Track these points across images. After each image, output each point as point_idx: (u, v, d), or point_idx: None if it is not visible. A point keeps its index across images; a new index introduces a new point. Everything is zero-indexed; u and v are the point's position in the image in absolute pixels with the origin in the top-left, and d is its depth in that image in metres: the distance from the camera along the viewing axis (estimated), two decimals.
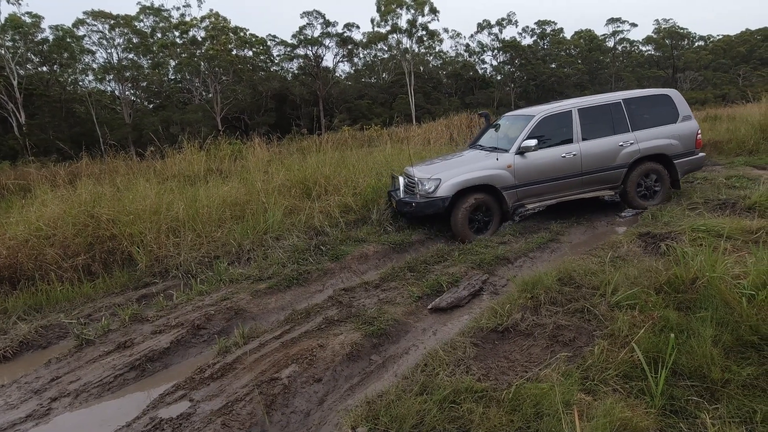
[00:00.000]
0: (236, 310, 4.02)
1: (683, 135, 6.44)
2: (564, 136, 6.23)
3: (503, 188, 5.95)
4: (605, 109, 6.37)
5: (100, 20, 34.50)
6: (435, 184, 5.82)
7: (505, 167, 5.96)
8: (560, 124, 6.26)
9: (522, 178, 6.01)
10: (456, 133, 18.12)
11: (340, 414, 2.58)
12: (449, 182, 5.81)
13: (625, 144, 6.27)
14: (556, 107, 6.41)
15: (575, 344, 2.92)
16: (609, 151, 6.25)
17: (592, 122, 6.28)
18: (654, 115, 6.45)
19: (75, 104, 34.42)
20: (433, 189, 5.80)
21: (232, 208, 6.39)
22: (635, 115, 6.37)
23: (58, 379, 3.21)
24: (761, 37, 55.70)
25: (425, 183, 5.89)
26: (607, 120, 6.33)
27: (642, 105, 6.48)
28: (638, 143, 6.28)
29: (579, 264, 4.03)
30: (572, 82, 50.32)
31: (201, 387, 2.92)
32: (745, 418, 2.13)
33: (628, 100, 6.43)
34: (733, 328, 2.62)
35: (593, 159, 6.20)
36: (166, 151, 10.25)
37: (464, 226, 5.81)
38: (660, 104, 6.53)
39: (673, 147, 6.38)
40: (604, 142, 6.25)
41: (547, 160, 6.08)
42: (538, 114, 6.24)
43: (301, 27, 43.21)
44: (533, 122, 6.13)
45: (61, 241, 5.17)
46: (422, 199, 5.83)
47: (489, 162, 6.05)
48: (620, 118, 6.34)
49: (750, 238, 4.10)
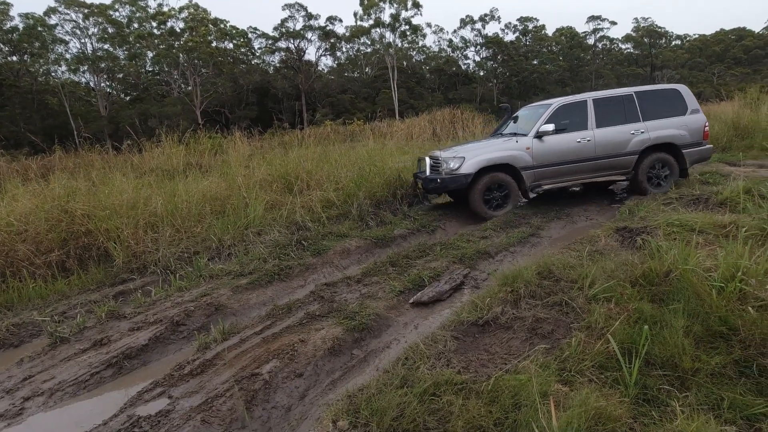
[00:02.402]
0: (216, 306, 3.97)
1: (691, 126, 6.88)
2: (579, 123, 6.72)
3: (522, 168, 6.48)
4: (618, 100, 6.85)
5: (73, 9, 33.42)
6: (459, 162, 6.38)
7: (524, 149, 6.52)
8: (576, 112, 6.76)
9: (539, 160, 6.54)
10: (439, 128, 18.20)
11: (321, 408, 2.58)
12: (472, 160, 6.38)
13: (636, 132, 6.72)
14: (572, 97, 6.96)
15: (553, 336, 2.98)
16: (621, 138, 6.72)
17: (606, 111, 6.75)
18: (664, 108, 6.91)
19: (47, 96, 33.32)
20: (458, 166, 6.37)
21: (212, 203, 6.30)
22: (646, 107, 6.84)
23: (31, 378, 3.13)
24: (735, 37, 57.34)
25: (450, 161, 6.45)
26: (620, 110, 6.79)
27: (653, 98, 6.95)
28: (649, 132, 6.75)
29: (558, 258, 4.10)
30: (554, 78, 50.94)
31: (180, 384, 2.88)
32: (713, 405, 2.21)
33: (639, 93, 6.94)
34: (703, 319, 2.71)
35: (606, 145, 6.68)
36: (144, 145, 10.01)
37: (481, 202, 6.43)
38: (670, 98, 7.00)
39: (682, 137, 6.81)
40: (616, 130, 6.73)
41: (563, 144, 6.59)
42: (556, 102, 6.81)
43: (283, 19, 42.66)
44: (551, 109, 6.67)
45: (34, 237, 5.02)
46: (447, 176, 6.41)
47: (509, 144, 6.61)
48: (632, 108, 6.80)
49: (721, 233, 4.23)
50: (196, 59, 35.73)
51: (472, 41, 51.67)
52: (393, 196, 7.35)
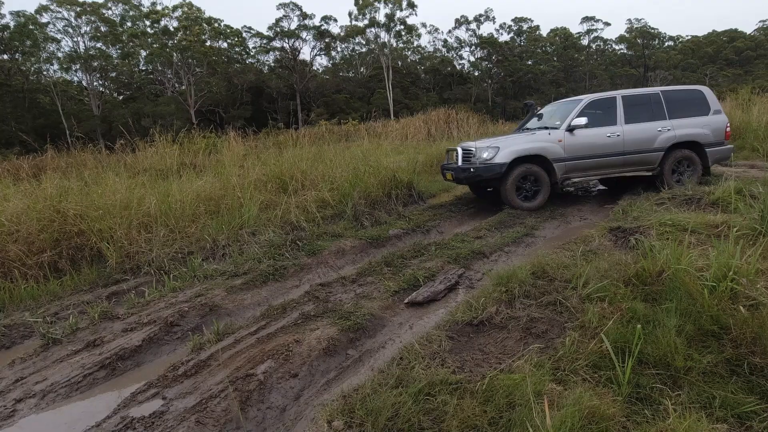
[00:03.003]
0: (211, 307, 3.95)
1: (714, 126, 7.12)
2: (609, 119, 6.94)
3: (554, 160, 6.64)
4: (646, 98, 7.14)
5: (65, 7, 33.15)
6: (494, 152, 6.54)
7: (556, 141, 6.69)
8: (606, 107, 6.99)
9: (571, 153, 6.72)
10: (434, 128, 18.22)
11: (316, 409, 2.58)
12: (506, 150, 6.53)
13: (662, 130, 6.93)
14: (603, 94, 7.19)
15: (547, 336, 2.99)
16: (648, 134, 6.94)
17: (634, 109, 6.96)
18: (688, 108, 7.14)
19: (39, 94, 33.05)
20: (492, 156, 6.54)
21: (207, 203, 6.27)
22: (672, 106, 7.06)
23: (23, 380, 3.10)
24: (727, 38, 57.89)
25: (484, 151, 6.61)
26: (647, 108, 7.01)
27: (678, 98, 7.20)
28: (674, 130, 6.97)
29: (552, 258, 4.13)
30: (548, 79, 51.20)
31: (174, 385, 2.87)
32: (705, 404, 2.23)
33: (666, 92, 7.18)
34: (695, 318, 2.73)
35: (634, 140, 6.90)
36: (137, 145, 9.94)
37: (513, 193, 6.58)
38: (694, 98, 7.27)
39: (705, 136, 7.04)
40: (644, 127, 6.96)
41: (593, 138, 6.80)
42: (587, 98, 7.05)
43: (278, 19, 42.63)
44: (582, 104, 6.90)
45: (25, 237, 4.97)
46: (480, 165, 6.57)
47: (542, 136, 6.80)
48: (659, 107, 7.02)
49: (713, 232, 4.27)
50: (190, 58, 35.57)
51: (467, 41, 51.87)
52: (388, 196, 7.36)
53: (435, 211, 7.12)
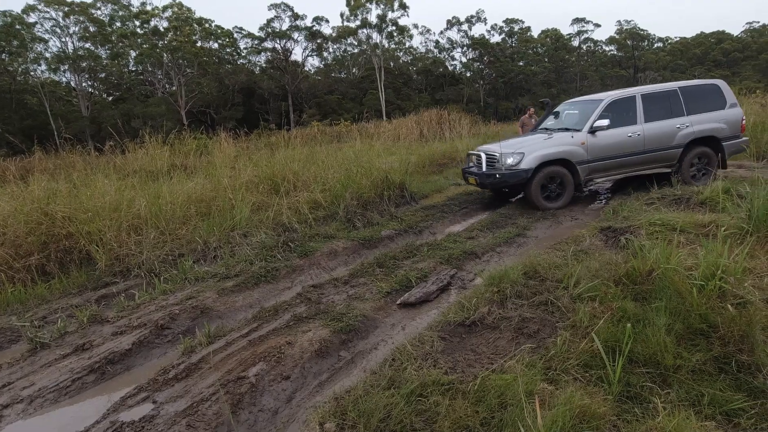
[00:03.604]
0: (202, 309, 3.92)
1: (731, 120, 7.18)
2: (629, 118, 6.95)
3: (577, 163, 6.70)
4: (664, 95, 7.11)
5: (53, 7, 32.73)
6: (519, 158, 6.58)
7: (579, 144, 6.73)
8: (626, 107, 6.99)
9: (593, 154, 6.77)
10: (426, 129, 18.24)
11: (308, 411, 2.57)
12: (532, 156, 6.57)
13: (681, 126, 6.98)
14: (621, 93, 7.18)
15: (539, 336, 3.01)
16: (668, 132, 6.98)
17: (653, 106, 6.99)
18: (705, 102, 7.18)
19: (26, 95, 32.58)
20: (518, 161, 6.57)
21: (198, 205, 6.22)
22: (690, 102, 7.08)
23: (10, 385, 3.05)
24: (715, 40, 58.69)
25: (509, 157, 6.63)
26: (666, 105, 7.04)
27: (695, 93, 7.21)
28: (693, 126, 7.02)
29: (544, 258, 4.15)
30: (539, 79, 51.51)
31: (165, 388, 2.84)
32: (694, 401, 2.26)
33: (683, 88, 7.20)
34: (684, 317, 2.76)
35: (655, 139, 6.94)
36: (127, 146, 9.85)
37: (539, 195, 6.66)
38: (710, 93, 7.30)
39: (723, 130, 7.09)
40: (663, 124, 6.98)
41: (615, 138, 6.83)
42: (607, 98, 7.00)
43: (269, 19, 42.47)
44: (603, 105, 6.88)
45: (12, 240, 4.90)
46: (506, 171, 6.61)
47: (565, 139, 6.81)
48: (677, 103, 7.06)
49: (702, 232, 4.32)
50: (181, 59, 35.31)
51: (459, 42, 52.04)
52: (380, 197, 7.35)
53: (427, 211, 7.13)
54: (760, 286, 3.14)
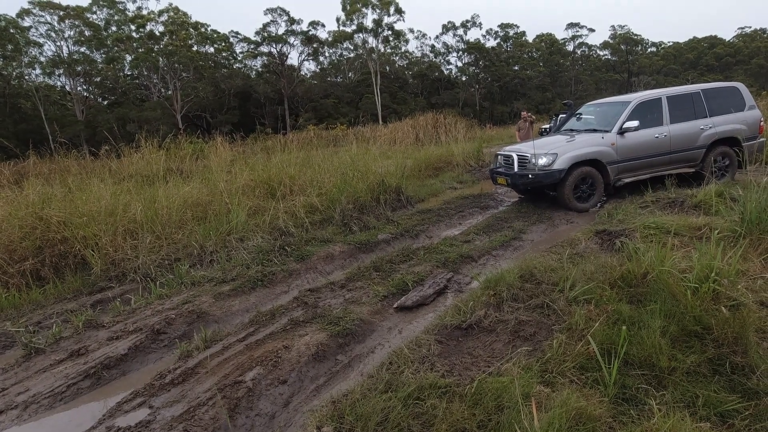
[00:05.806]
0: (198, 314, 3.91)
1: (750, 121, 7.44)
2: (655, 119, 7.14)
3: (608, 163, 6.85)
4: (688, 97, 7.32)
5: (48, 11, 32.61)
6: (552, 158, 6.68)
7: (609, 144, 6.88)
8: (652, 109, 7.18)
9: (623, 155, 6.93)
10: (422, 133, 18.30)
11: (305, 415, 2.57)
12: (565, 156, 6.67)
13: (705, 128, 7.19)
14: (648, 94, 7.37)
15: (535, 339, 3.02)
16: (692, 133, 7.20)
17: (678, 108, 7.17)
18: (726, 104, 7.39)
19: (21, 99, 32.43)
20: (551, 162, 6.67)
21: (194, 209, 6.21)
22: (712, 104, 7.31)
23: (5, 391, 3.03)
24: (707, 44, 59.30)
25: (542, 158, 6.72)
26: (690, 107, 7.24)
27: (717, 95, 7.46)
28: (716, 127, 7.24)
29: (540, 261, 4.17)
30: (534, 84, 51.84)
31: (161, 393, 2.83)
32: (689, 403, 2.27)
33: (706, 90, 7.42)
34: (679, 319, 2.79)
35: (680, 140, 7.15)
36: (123, 150, 9.81)
37: (571, 195, 6.77)
38: (731, 95, 7.55)
39: (743, 131, 7.29)
40: (688, 125, 7.20)
41: (643, 139, 7.00)
42: (635, 100, 7.18)
43: (265, 24, 42.51)
44: (631, 106, 7.04)
45: (6, 245, 4.87)
46: (540, 171, 6.71)
47: (596, 140, 6.95)
48: (700, 105, 7.27)
49: (695, 234, 4.36)
50: (176, 63, 35.27)
51: (454, 47, 52.28)
52: (376, 200, 7.36)
53: (423, 215, 7.14)
54: (753, 288, 3.18)
